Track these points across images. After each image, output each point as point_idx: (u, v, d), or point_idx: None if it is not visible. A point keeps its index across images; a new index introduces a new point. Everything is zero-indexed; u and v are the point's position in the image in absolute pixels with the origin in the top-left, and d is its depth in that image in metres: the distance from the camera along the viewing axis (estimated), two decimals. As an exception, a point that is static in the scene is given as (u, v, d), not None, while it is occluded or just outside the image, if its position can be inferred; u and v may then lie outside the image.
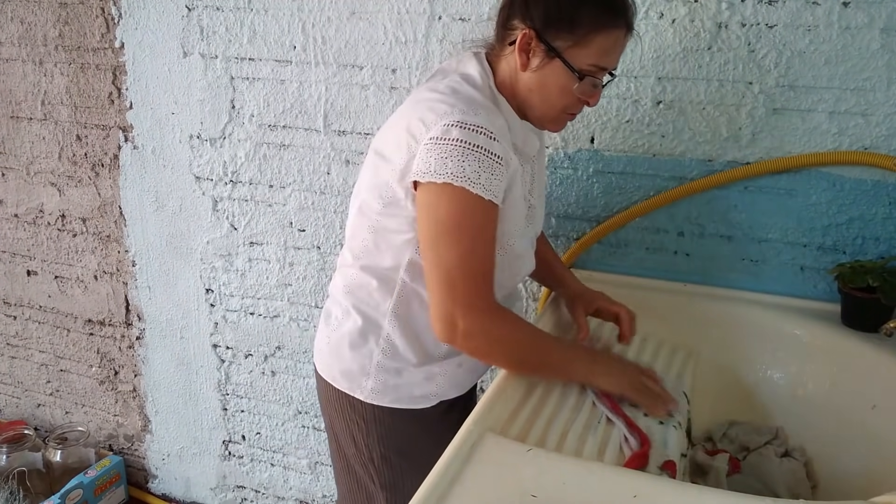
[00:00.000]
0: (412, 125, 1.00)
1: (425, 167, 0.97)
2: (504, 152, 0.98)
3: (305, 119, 1.67)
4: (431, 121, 0.98)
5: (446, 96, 1.00)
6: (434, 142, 0.96)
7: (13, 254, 2.20)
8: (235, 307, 1.91)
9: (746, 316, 1.30)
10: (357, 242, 1.12)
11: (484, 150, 0.96)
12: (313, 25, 1.60)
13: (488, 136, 0.96)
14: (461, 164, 0.95)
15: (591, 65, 1.01)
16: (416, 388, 1.14)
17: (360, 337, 1.13)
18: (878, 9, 1.20)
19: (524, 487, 0.78)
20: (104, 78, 1.87)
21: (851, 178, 1.28)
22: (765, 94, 1.29)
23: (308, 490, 2.00)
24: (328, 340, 1.19)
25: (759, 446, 1.16)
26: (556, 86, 1.03)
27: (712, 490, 0.83)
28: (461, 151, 0.95)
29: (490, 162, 0.96)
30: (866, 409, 1.10)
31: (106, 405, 2.23)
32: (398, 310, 1.11)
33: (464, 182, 0.95)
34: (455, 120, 0.96)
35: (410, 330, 1.11)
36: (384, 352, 1.12)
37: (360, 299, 1.13)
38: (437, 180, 0.96)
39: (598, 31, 0.99)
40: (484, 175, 0.96)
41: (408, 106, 1.06)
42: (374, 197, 1.07)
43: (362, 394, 1.15)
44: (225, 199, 1.82)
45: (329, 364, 1.19)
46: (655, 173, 1.40)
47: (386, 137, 1.07)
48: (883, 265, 1.21)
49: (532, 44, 1.01)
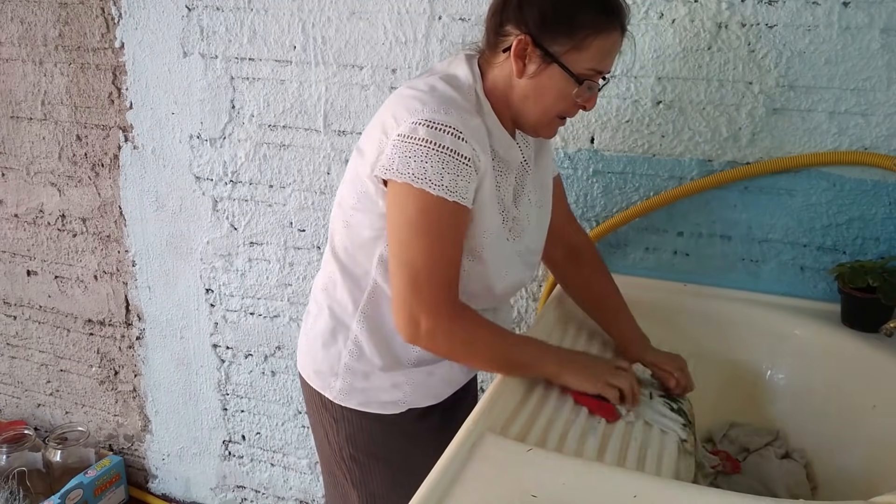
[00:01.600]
0: (385, 121, 1.00)
1: (389, 163, 0.96)
2: (472, 153, 0.96)
3: (305, 119, 1.67)
4: (402, 118, 0.97)
5: (422, 94, 0.99)
6: (401, 139, 0.96)
7: (13, 254, 2.20)
8: (235, 307, 1.91)
9: (746, 316, 1.30)
10: (335, 239, 1.12)
11: (449, 151, 0.95)
12: (313, 25, 1.60)
13: (456, 136, 0.95)
14: (423, 165, 0.94)
15: (589, 69, 0.99)
16: (383, 393, 1.13)
17: (331, 336, 1.13)
18: (878, 9, 1.20)
19: (524, 487, 0.78)
20: (104, 78, 1.87)
21: (851, 178, 1.28)
22: (765, 94, 1.29)
23: (308, 490, 2.00)
24: (305, 338, 1.20)
25: (759, 447, 1.16)
26: (554, 91, 1.01)
27: (712, 490, 0.83)
28: (425, 151, 0.94)
29: (455, 163, 0.95)
30: (866, 409, 1.10)
31: (106, 405, 2.23)
32: (367, 311, 1.10)
33: (423, 184, 0.94)
34: (423, 118, 0.95)
35: (379, 333, 1.10)
36: (351, 353, 1.12)
37: (334, 298, 1.13)
38: (398, 179, 0.95)
39: (596, 34, 0.98)
40: (447, 176, 0.94)
41: (387, 102, 1.05)
42: (349, 191, 1.07)
43: (331, 393, 1.15)
44: (225, 199, 1.82)
45: (305, 362, 1.20)
46: (655, 173, 1.40)
47: (365, 133, 1.07)
48: (883, 265, 1.21)
49: (528, 49, 0.99)
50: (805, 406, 1.21)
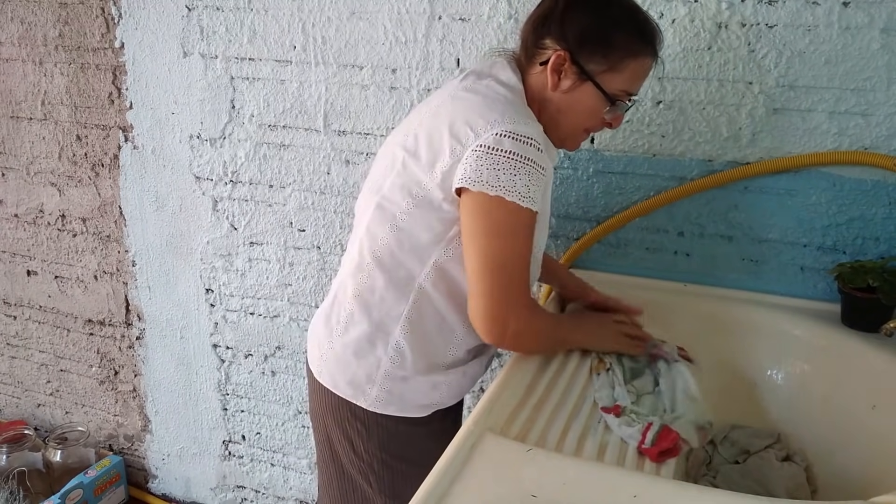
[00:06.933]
0: (458, 128, 0.99)
1: (476, 175, 0.96)
2: (547, 163, 1.00)
3: (305, 119, 1.67)
4: (481, 127, 0.97)
5: (492, 101, 1.00)
6: (485, 150, 0.96)
7: (13, 254, 2.20)
8: (235, 307, 1.91)
9: (746, 316, 1.30)
10: (376, 242, 1.08)
11: (533, 163, 0.97)
12: (313, 25, 1.60)
13: (537, 148, 0.97)
14: (513, 178, 0.96)
15: (621, 90, 1.03)
16: (421, 396, 1.13)
17: (368, 343, 1.11)
18: (878, 9, 1.20)
19: (524, 487, 0.78)
20: (104, 78, 1.87)
21: (851, 178, 1.28)
22: (765, 94, 1.29)
23: (308, 490, 2.00)
24: (331, 346, 1.16)
25: (759, 450, 1.16)
26: (586, 109, 1.04)
27: (712, 490, 0.83)
28: (513, 164, 0.96)
29: (538, 174, 0.98)
30: (866, 409, 1.10)
31: (106, 405, 2.23)
32: (412, 316, 1.09)
33: (515, 197, 0.96)
34: (506, 129, 0.96)
35: (420, 337, 1.10)
36: (392, 360, 1.10)
37: (372, 303, 1.10)
38: (490, 192, 0.96)
39: (632, 57, 1.01)
40: (533, 188, 0.97)
41: (446, 105, 1.04)
42: (400, 195, 1.05)
43: (366, 402, 1.13)
44: (225, 199, 1.82)
45: (331, 371, 1.16)
46: (655, 173, 1.40)
47: (417, 135, 1.05)
48: (883, 265, 1.21)
49: (565, 66, 1.02)
50: (805, 406, 1.20)
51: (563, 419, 0.96)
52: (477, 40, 1.46)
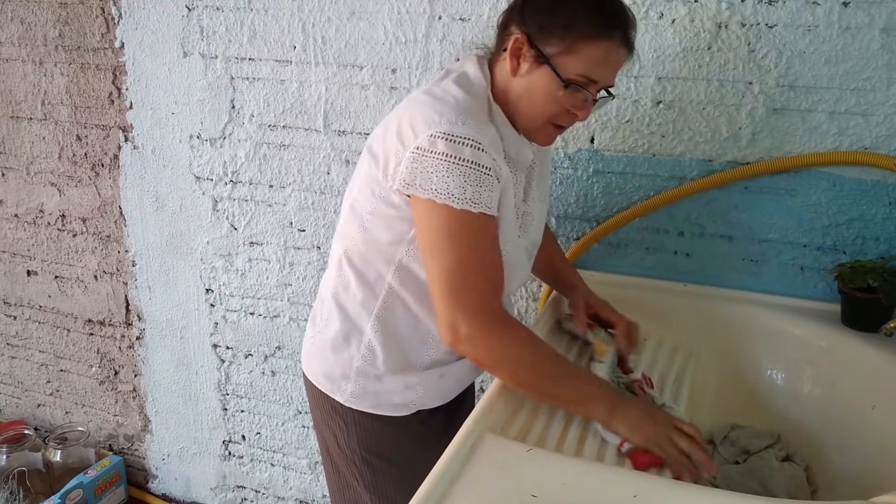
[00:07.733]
0: (402, 129, 0.99)
1: (410, 178, 0.96)
2: (492, 163, 0.96)
3: (305, 119, 1.67)
4: (419, 128, 0.97)
5: (437, 102, 0.99)
6: (420, 153, 0.95)
7: (13, 254, 2.20)
8: (235, 307, 1.91)
9: (746, 316, 1.30)
10: (348, 241, 1.11)
11: (470, 163, 0.94)
12: (313, 25, 1.60)
13: (475, 148, 0.94)
14: (445, 180, 0.94)
15: (579, 74, 0.99)
16: (395, 395, 1.13)
17: (343, 340, 1.13)
18: (878, 9, 1.20)
19: (524, 487, 0.78)
20: (104, 78, 1.87)
21: (851, 178, 1.28)
22: (765, 94, 1.29)
23: (308, 490, 2.00)
24: (313, 341, 1.19)
25: (759, 450, 1.16)
26: (543, 93, 1.01)
27: (712, 490, 0.83)
28: (446, 166, 0.94)
29: (477, 174, 0.94)
30: (866, 409, 1.10)
31: (106, 405, 2.23)
32: (382, 315, 1.09)
33: (447, 199, 0.94)
34: (441, 131, 0.94)
35: (393, 337, 1.10)
36: (364, 357, 1.12)
37: (346, 302, 1.12)
38: (421, 195, 0.95)
39: (588, 39, 0.97)
40: (470, 189, 0.94)
41: (403, 106, 1.05)
42: (365, 195, 1.06)
43: (342, 397, 1.15)
44: (225, 199, 1.82)
45: (313, 365, 1.19)
46: (655, 173, 1.40)
47: (379, 135, 1.06)
48: (883, 265, 1.21)
49: (523, 49, 1.00)
50: (805, 406, 1.21)
51: (562, 419, 0.96)
52: (477, 40, 1.45)
